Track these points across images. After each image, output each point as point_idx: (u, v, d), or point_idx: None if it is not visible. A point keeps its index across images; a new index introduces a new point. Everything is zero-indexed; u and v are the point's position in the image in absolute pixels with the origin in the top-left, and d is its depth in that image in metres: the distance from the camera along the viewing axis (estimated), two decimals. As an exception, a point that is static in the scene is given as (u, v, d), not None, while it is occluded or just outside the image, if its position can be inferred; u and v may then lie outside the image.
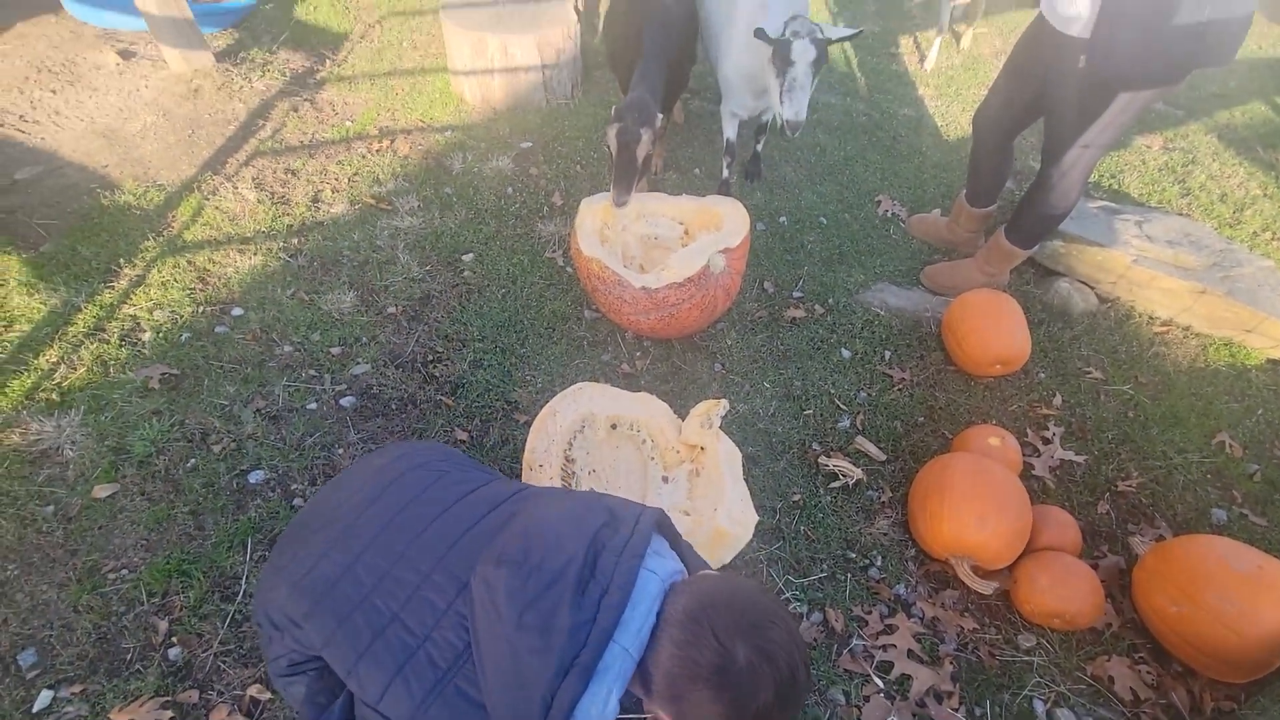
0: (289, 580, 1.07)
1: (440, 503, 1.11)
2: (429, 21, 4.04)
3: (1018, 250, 2.46)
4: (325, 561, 1.06)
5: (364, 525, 1.10)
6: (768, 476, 2.09)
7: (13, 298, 2.36)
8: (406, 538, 1.05)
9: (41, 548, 1.81)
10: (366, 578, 1.02)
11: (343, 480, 1.28)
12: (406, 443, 1.46)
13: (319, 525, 1.15)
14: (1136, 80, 1.87)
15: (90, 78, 3.32)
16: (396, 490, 1.15)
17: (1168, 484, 2.10)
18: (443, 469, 1.21)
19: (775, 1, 2.38)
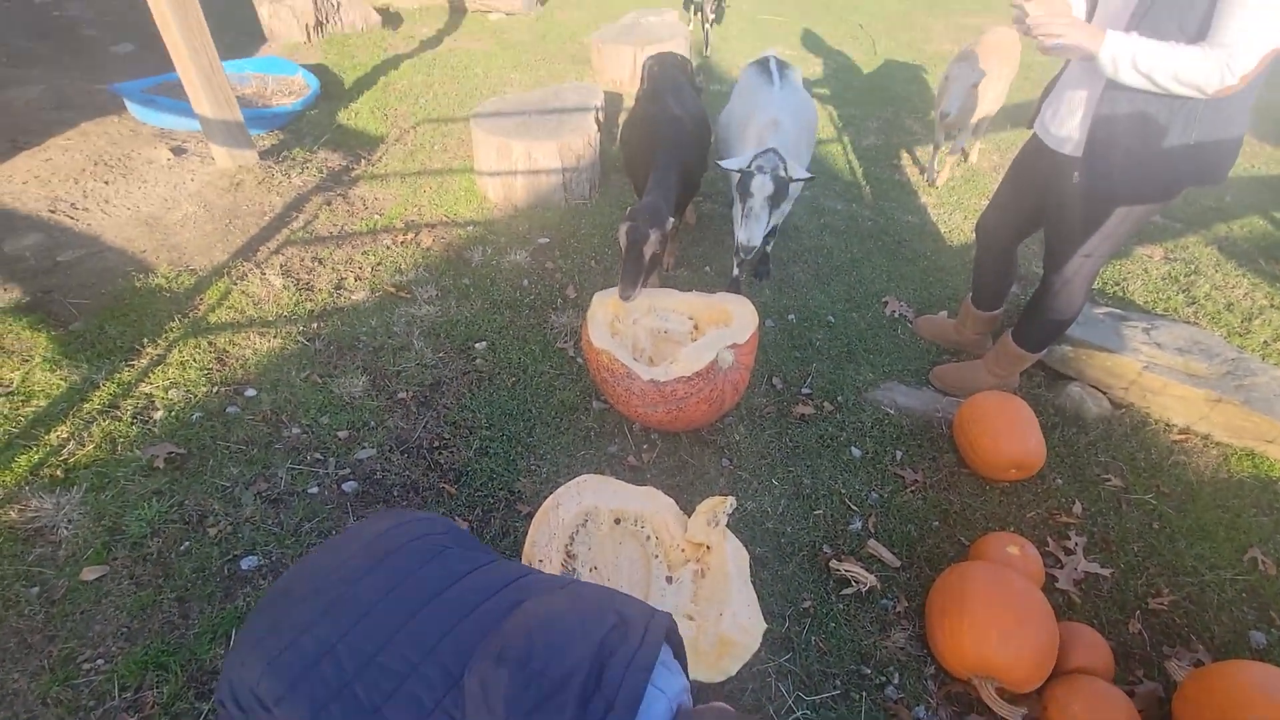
0: (264, 655, 0.98)
1: (438, 582, 1.03)
2: (460, 128, 4.34)
3: (1026, 354, 2.47)
4: (307, 636, 0.97)
5: (354, 599, 1.01)
6: (776, 580, 2.00)
7: (36, 373, 2.41)
8: (398, 620, 0.97)
9: (20, 632, 1.74)
10: (349, 662, 0.93)
11: (335, 545, 1.19)
12: (406, 511, 1.37)
13: (304, 593, 1.06)
14: (1130, 198, 1.94)
15: (142, 171, 3.56)
16: (393, 563, 1.07)
17: (1201, 603, 1.98)
18: (443, 544, 1.13)
19: (785, 119, 2.56)
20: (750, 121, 2.64)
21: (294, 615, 1.02)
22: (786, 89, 2.80)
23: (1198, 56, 1.60)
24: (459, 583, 1.03)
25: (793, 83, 2.89)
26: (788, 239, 3.50)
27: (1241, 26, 1.54)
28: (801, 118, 2.74)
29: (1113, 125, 1.83)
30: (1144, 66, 1.65)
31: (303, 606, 1.03)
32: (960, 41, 6.22)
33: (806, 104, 2.89)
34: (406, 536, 1.13)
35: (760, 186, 2.19)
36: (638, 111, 3.08)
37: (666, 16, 5.41)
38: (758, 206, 2.20)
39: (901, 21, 6.68)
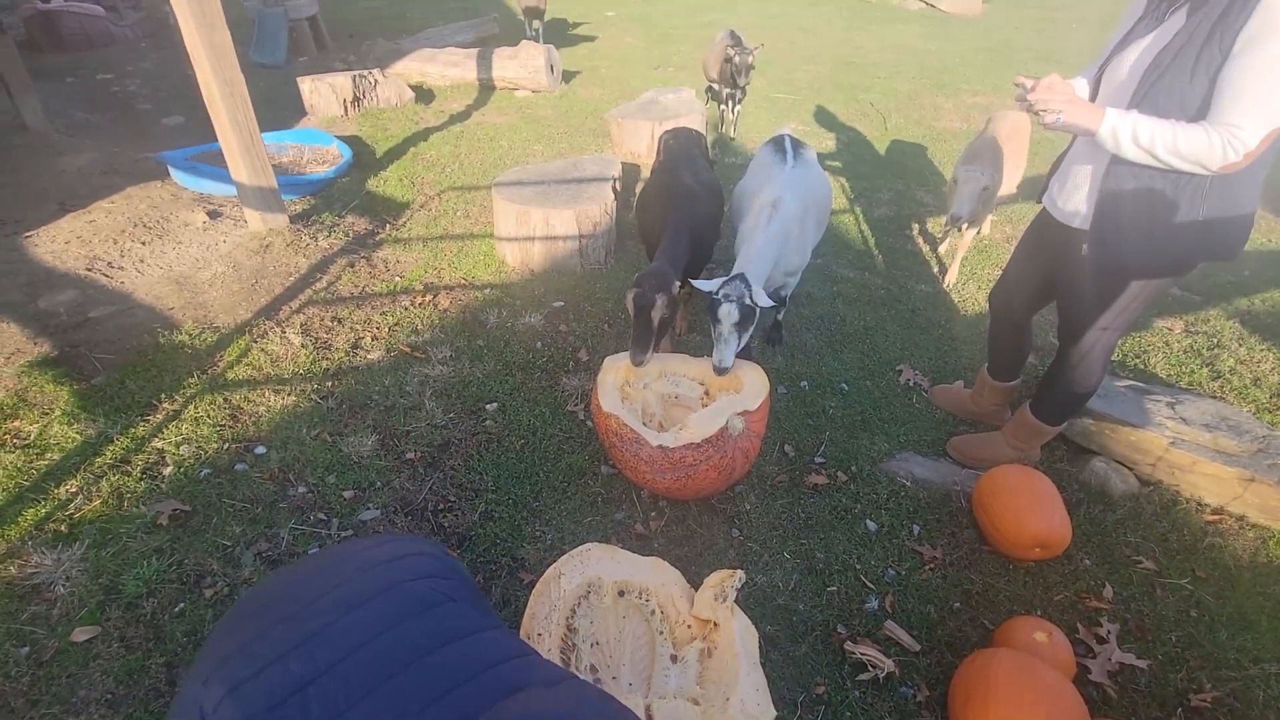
0: (228, 679, 0.87)
1: (433, 638, 0.92)
2: (482, 195, 4.51)
3: (1045, 427, 2.40)
4: (278, 669, 0.87)
5: (338, 635, 0.90)
6: (787, 662, 1.90)
7: (53, 426, 2.45)
8: (381, 672, 0.86)
9: (4, 695, 1.70)
10: (316, 710, 0.83)
11: (333, 558, 1.07)
12: (416, 538, 1.18)
13: (286, 611, 0.96)
14: (1140, 272, 1.93)
15: (178, 233, 3.72)
16: (389, 602, 0.96)
17: (1247, 700, 1.83)
18: (448, 594, 1.01)
19: (788, 198, 2.60)
20: (756, 198, 2.71)
21: (270, 636, 0.92)
22: (799, 167, 2.87)
23: (1199, 133, 1.61)
24: (455, 644, 0.92)
25: (806, 161, 2.96)
26: (800, 306, 3.51)
27: (1244, 105, 1.56)
28: (810, 195, 2.79)
29: (1119, 200, 1.85)
30: (1144, 141, 1.67)
31: (281, 628, 0.93)
32: (969, 119, 6.42)
33: (818, 182, 2.95)
34: (411, 574, 1.03)
35: (727, 314, 2.29)
36: (652, 182, 3.17)
37: (683, 94, 5.67)
38: (726, 332, 2.30)
39: (910, 101, 6.93)
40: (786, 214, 2.57)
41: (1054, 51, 9.13)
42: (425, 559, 1.07)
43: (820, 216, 2.93)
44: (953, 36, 10.13)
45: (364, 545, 1.11)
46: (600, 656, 1.76)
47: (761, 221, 2.55)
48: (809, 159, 2.99)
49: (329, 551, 1.12)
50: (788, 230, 2.58)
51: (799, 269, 2.80)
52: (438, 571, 1.05)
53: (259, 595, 1.03)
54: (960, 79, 7.75)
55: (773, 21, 10.72)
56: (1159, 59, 1.71)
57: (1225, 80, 1.59)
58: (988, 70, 8.12)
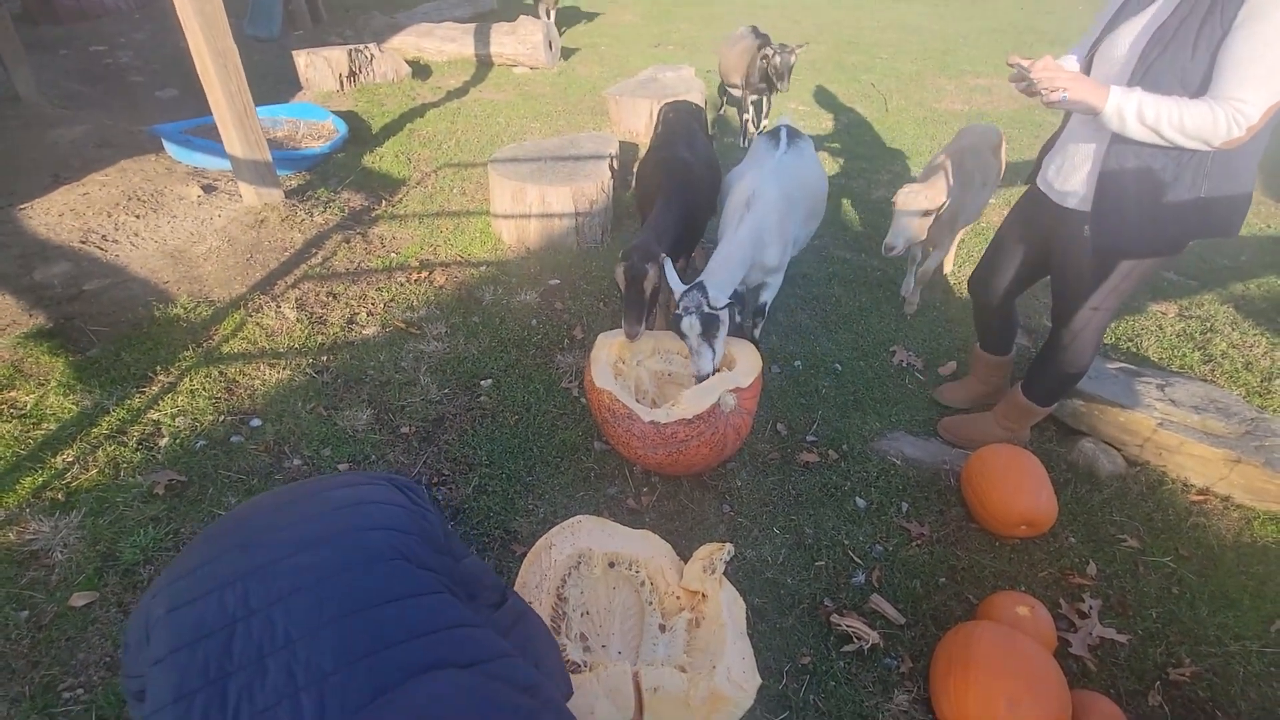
0: (171, 600, 0.87)
1: (368, 595, 0.88)
2: (479, 173, 4.48)
3: (1035, 407, 2.42)
4: (214, 600, 0.86)
5: (279, 575, 0.88)
6: (774, 633, 1.93)
7: (49, 397, 2.46)
8: (308, 622, 0.84)
9: (5, 657, 1.73)
10: (239, 650, 0.82)
11: (294, 497, 1.05)
12: (382, 485, 1.12)
13: (240, 540, 0.95)
14: (1139, 251, 1.93)
15: (172, 207, 3.70)
16: (336, 551, 0.92)
17: (1226, 675, 1.87)
18: (400, 550, 0.96)
19: (769, 191, 2.54)
20: (736, 188, 2.65)
21: (218, 563, 0.91)
22: (789, 154, 2.81)
23: (1203, 108, 1.61)
24: (390, 605, 0.88)
25: (799, 149, 2.89)
26: (795, 286, 3.51)
27: (1248, 79, 1.56)
28: (800, 184, 2.73)
29: (1121, 179, 1.84)
30: (1149, 119, 1.66)
31: (229, 558, 0.91)
32: (971, 101, 6.36)
33: (810, 171, 2.88)
34: (369, 523, 0.99)
35: (690, 327, 2.26)
36: (650, 155, 3.16)
37: (683, 72, 5.61)
38: (695, 343, 2.28)
39: (913, 82, 6.86)
40: (761, 211, 2.50)
41: (1060, 32, 9.02)
42: (389, 509, 1.03)
43: (812, 207, 2.87)
44: (957, 16, 10.00)
45: (333, 483, 1.08)
46: (590, 625, 1.79)
47: (732, 222, 2.51)
48: (803, 148, 2.92)
49: (302, 484, 1.10)
50: (761, 230, 2.52)
51: (779, 266, 2.69)
52: (398, 524, 1.01)
53: (230, 518, 1.03)
54: (964, 60, 7.67)
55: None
56: (1159, 35, 1.69)
57: (1227, 55, 1.58)
58: (992, 51, 8.03)
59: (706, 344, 2.27)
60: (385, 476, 1.13)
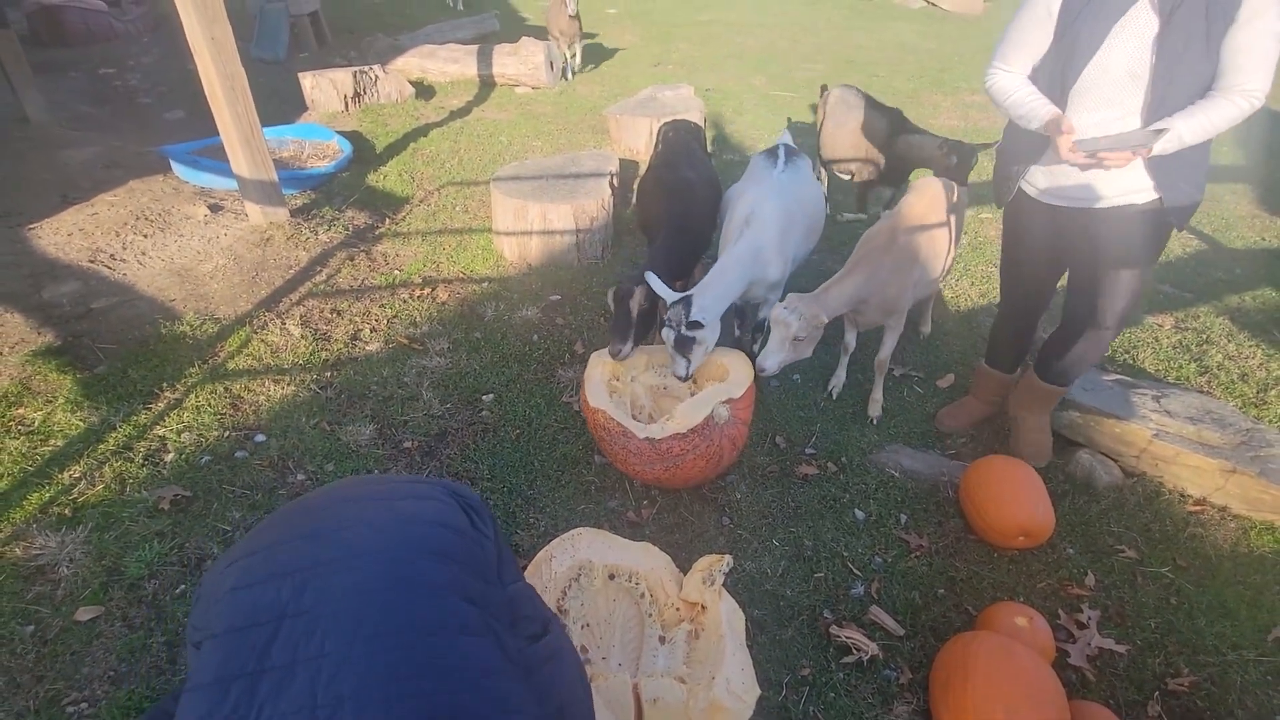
0: (240, 576, 0.91)
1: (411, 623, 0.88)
2: (481, 191, 4.54)
3: (1056, 389, 2.48)
4: (272, 587, 0.88)
5: (333, 576, 0.90)
6: (774, 644, 1.94)
7: (57, 414, 2.50)
8: (342, 639, 0.84)
9: (10, 671, 1.75)
10: (277, 649, 0.83)
11: (363, 492, 1.07)
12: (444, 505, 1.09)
13: (308, 529, 0.97)
14: (1195, 203, 2.00)
15: (179, 226, 3.76)
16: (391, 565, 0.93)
17: (1224, 684, 1.88)
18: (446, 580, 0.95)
19: (766, 212, 2.58)
20: (736, 205, 2.69)
21: (288, 546, 0.93)
22: (787, 173, 2.83)
23: (1226, 108, 1.77)
24: (429, 638, 0.89)
25: (797, 168, 2.91)
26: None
27: (1256, 70, 1.73)
28: (798, 202, 2.76)
29: (1171, 162, 1.91)
30: (1190, 139, 1.81)
31: (299, 544, 0.94)
32: (967, 118, 6.44)
33: (808, 190, 2.90)
34: (432, 548, 0.98)
35: (666, 337, 2.34)
36: (651, 174, 3.22)
37: (682, 91, 5.70)
38: (671, 352, 2.35)
39: (909, 100, 6.95)
40: (760, 228, 2.54)
41: (1053, 50, 9.14)
42: (448, 534, 1.03)
43: (810, 225, 2.89)
44: (953, 35, 10.15)
45: (401, 491, 1.09)
46: (591, 637, 1.80)
47: (732, 239, 2.55)
48: (800, 165, 2.95)
49: (372, 483, 1.12)
50: (761, 246, 2.55)
51: (780, 282, 2.72)
52: (453, 553, 1.01)
53: (304, 503, 1.06)
54: (959, 78, 7.78)
55: (773, 19, 10.74)
56: (1167, 47, 1.77)
57: (1237, 49, 1.73)
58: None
59: (681, 356, 2.33)
60: (450, 490, 1.12)
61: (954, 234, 2.80)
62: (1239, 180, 5.12)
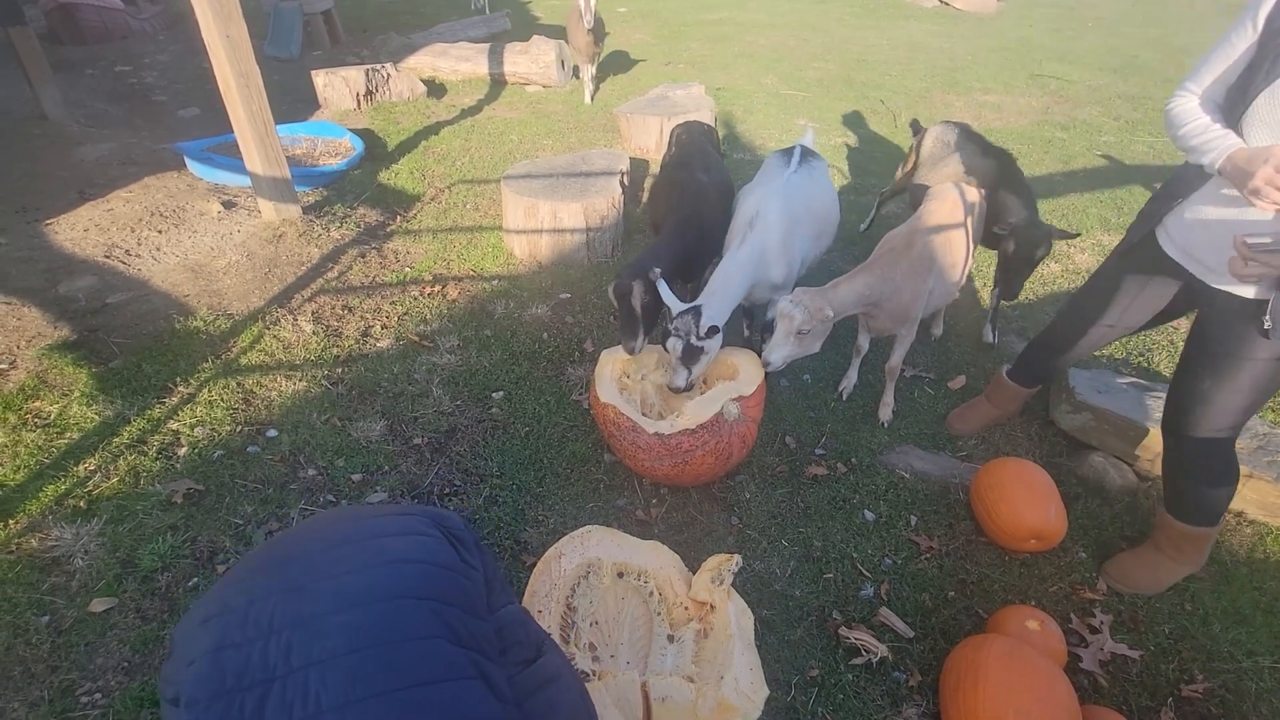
0: (218, 635, 0.87)
1: (405, 674, 0.88)
2: (492, 189, 4.55)
3: (1198, 530, 2.02)
4: (258, 648, 0.86)
5: (325, 631, 0.88)
6: (782, 645, 1.94)
7: (73, 407, 2.52)
8: (336, 697, 0.83)
9: (25, 661, 1.76)
10: (270, 711, 0.82)
11: (345, 534, 1.03)
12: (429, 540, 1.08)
13: (288, 582, 0.94)
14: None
15: (193, 222, 3.79)
16: (381, 617, 0.92)
17: (1239, 692, 1.85)
18: (438, 627, 0.95)
19: (772, 214, 2.55)
20: (743, 208, 2.66)
21: (268, 604, 0.90)
22: (800, 174, 2.79)
23: None
24: (423, 688, 0.88)
25: (811, 169, 2.88)
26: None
27: None
28: (808, 204, 2.73)
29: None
30: None
31: (280, 600, 0.91)
32: (980, 117, 6.39)
33: (820, 192, 2.87)
34: (421, 591, 0.97)
35: (673, 348, 2.29)
36: (663, 175, 3.21)
37: (693, 90, 5.69)
38: (674, 363, 2.30)
39: (922, 99, 6.91)
40: (763, 231, 2.52)
41: (1069, 51, 9.06)
42: (436, 573, 1.01)
43: (820, 228, 2.85)
44: (966, 34, 10.07)
45: (386, 528, 1.07)
46: (599, 635, 1.80)
47: (735, 241, 2.53)
48: (815, 168, 2.92)
49: (353, 521, 1.09)
50: (764, 249, 2.53)
51: (786, 283, 2.67)
52: (443, 594, 1.00)
53: (277, 549, 1.03)
54: (972, 77, 7.72)
55: (783, 19, 10.70)
56: None
57: None
58: (1001, 68, 8.08)
59: (684, 366, 2.28)
60: (435, 520, 1.09)
61: (972, 242, 2.75)
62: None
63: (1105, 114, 6.47)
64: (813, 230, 2.79)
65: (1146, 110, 6.58)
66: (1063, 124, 6.19)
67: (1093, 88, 7.33)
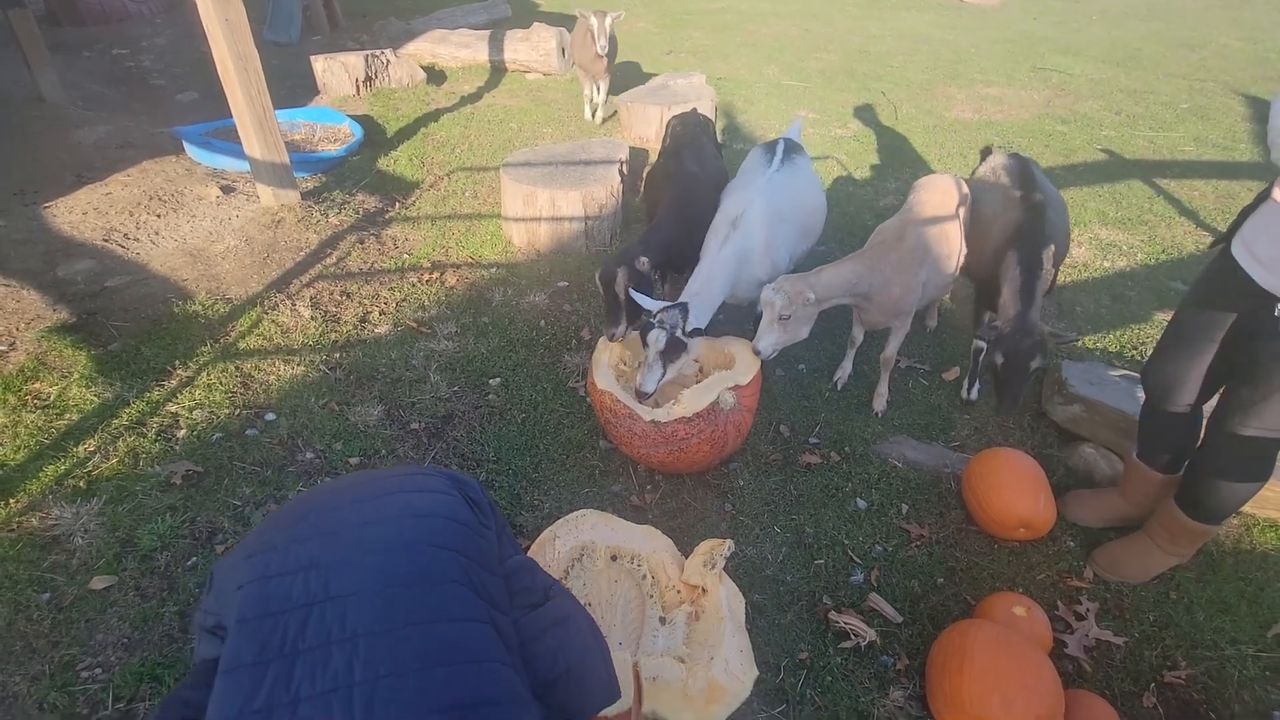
0: (260, 568, 0.96)
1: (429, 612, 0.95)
2: (491, 176, 4.55)
3: (1203, 527, 1.99)
4: (300, 578, 0.95)
5: (358, 569, 0.97)
6: (773, 629, 1.97)
7: (72, 389, 2.54)
8: (373, 624, 0.91)
9: (26, 636, 1.79)
10: (311, 632, 0.89)
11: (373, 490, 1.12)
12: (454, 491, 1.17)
13: (327, 527, 1.03)
14: None
15: (192, 207, 3.79)
16: (406, 561, 1.00)
17: (1221, 679, 1.89)
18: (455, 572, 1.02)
19: (754, 215, 2.53)
20: (724, 206, 2.63)
21: (308, 544, 0.99)
22: (782, 171, 2.75)
23: None
24: (447, 625, 0.96)
25: (794, 165, 2.83)
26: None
27: None
28: (791, 201, 2.70)
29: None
30: None
31: (316, 543, 1.00)
32: (981, 110, 6.38)
33: (805, 188, 2.83)
34: (445, 542, 1.05)
35: (655, 340, 2.22)
36: (658, 166, 3.21)
37: (693, 79, 5.67)
38: (652, 357, 2.23)
39: (924, 91, 6.89)
40: (746, 232, 2.51)
41: (1072, 44, 9.02)
42: (458, 529, 1.10)
43: (806, 224, 2.82)
44: (970, 26, 10.02)
45: (412, 484, 1.15)
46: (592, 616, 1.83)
47: (715, 243, 2.51)
48: (798, 163, 2.88)
49: (384, 478, 1.17)
50: (747, 250, 2.52)
51: (772, 280, 2.54)
52: (463, 548, 1.08)
53: (316, 499, 1.11)
54: (975, 69, 7.69)
55: (786, 8, 10.64)
56: None
57: None
58: (1004, 61, 8.05)
59: (660, 362, 2.24)
60: (453, 481, 1.18)
61: (966, 233, 2.73)
62: (1258, 178, 5.06)
63: (1106, 108, 6.46)
64: (798, 227, 2.76)
65: (1148, 104, 6.56)
66: (1064, 117, 6.18)
67: (1095, 81, 7.31)
